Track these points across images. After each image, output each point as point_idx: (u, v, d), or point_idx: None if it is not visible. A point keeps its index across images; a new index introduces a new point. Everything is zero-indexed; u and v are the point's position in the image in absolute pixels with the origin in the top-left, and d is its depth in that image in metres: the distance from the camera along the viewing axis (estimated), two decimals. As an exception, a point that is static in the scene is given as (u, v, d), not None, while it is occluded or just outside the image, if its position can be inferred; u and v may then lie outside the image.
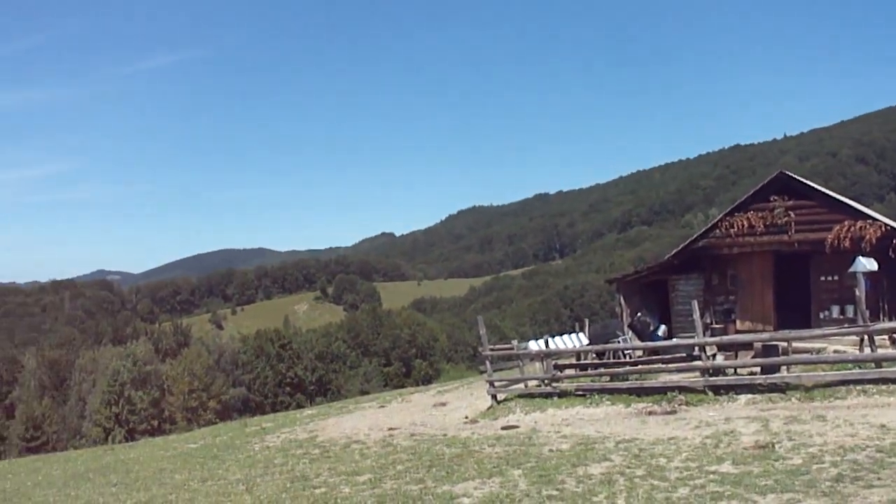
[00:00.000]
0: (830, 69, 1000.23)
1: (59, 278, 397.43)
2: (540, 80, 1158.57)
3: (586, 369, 29.12)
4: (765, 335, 24.96)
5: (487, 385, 28.18)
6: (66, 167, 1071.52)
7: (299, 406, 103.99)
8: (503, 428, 22.31)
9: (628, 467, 14.72)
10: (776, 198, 33.05)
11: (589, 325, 35.88)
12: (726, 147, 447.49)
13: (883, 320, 28.63)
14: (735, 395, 21.95)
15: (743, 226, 33.19)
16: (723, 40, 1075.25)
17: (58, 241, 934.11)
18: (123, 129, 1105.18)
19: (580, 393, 25.64)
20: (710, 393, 22.52)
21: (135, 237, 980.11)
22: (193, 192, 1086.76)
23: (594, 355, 30.48)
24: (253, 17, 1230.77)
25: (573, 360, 31.54)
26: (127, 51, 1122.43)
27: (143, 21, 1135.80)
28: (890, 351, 23.91)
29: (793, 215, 32.56)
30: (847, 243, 31.00)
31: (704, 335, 25.52)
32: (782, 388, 21.57)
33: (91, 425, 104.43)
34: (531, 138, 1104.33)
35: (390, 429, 25.27)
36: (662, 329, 33.57)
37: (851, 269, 28.77)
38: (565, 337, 34.75)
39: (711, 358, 24.25)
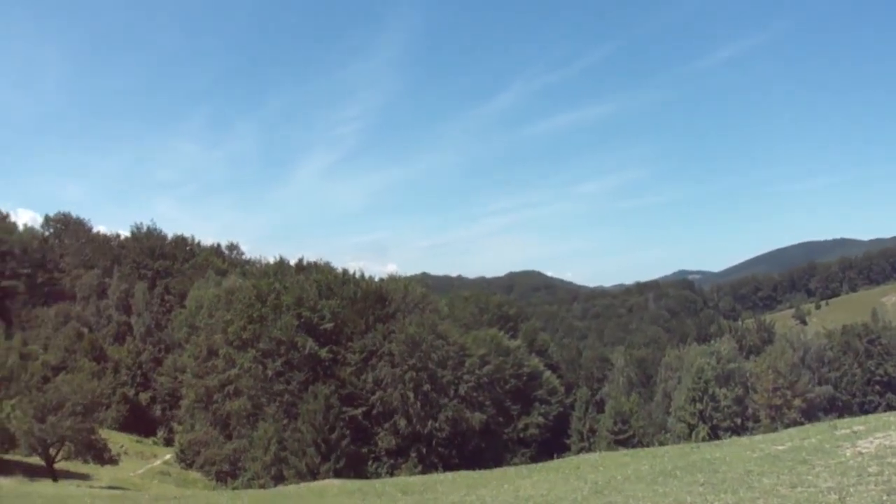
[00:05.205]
0: None
1: (642, 280, 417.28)
2: None
3: None
4: None
5: None
6: (644, 173, 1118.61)
7: (889, 407, 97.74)
8: None
9: None
10: None
11: None
12: None
13: None
14: None
15: None
16: None
17: (640, 245, 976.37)
18: (699, 128, 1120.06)
19: None
20: None
21: (714, 236, 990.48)
22: (771, 185, 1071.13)
23: None
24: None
25: None
26: (690, 48, 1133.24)
27: (702, 15, 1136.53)
28: None
29: None
30: None
31: None
32: None
33: (675, 421, 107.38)
34: None
35: None
36: None
37: None
38: None
39: None
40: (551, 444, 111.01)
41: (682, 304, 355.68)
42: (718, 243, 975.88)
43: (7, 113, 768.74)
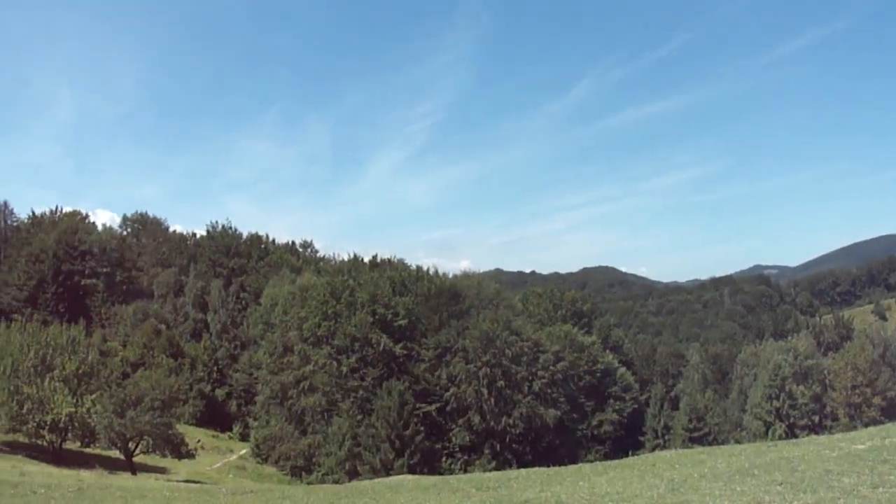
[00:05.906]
0: None
1: (717, 275, 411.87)
2: None
3: None
4: None
5: None
6: (719, 166, 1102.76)
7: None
8: None
9: None
10: None
11: None
12: None
13: None
14: None
15: None
16: None
17: (715, 239, 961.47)
18: (773, 120, 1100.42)
19: None
20: None
21: (791, 230, 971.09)
22: (849, 177, 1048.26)
23: None
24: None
25: None
26: (762, 38, 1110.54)
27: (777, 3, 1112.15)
28: None
29: None
30: None
31: None
32: None
33: (751, 419, 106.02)
34: None
35: None
36: None
37: None
38: None
39: None
40: (625, 441, 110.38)
41: (758, 300, 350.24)
42: (795, 237, 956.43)
43: (85, 115, 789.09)
